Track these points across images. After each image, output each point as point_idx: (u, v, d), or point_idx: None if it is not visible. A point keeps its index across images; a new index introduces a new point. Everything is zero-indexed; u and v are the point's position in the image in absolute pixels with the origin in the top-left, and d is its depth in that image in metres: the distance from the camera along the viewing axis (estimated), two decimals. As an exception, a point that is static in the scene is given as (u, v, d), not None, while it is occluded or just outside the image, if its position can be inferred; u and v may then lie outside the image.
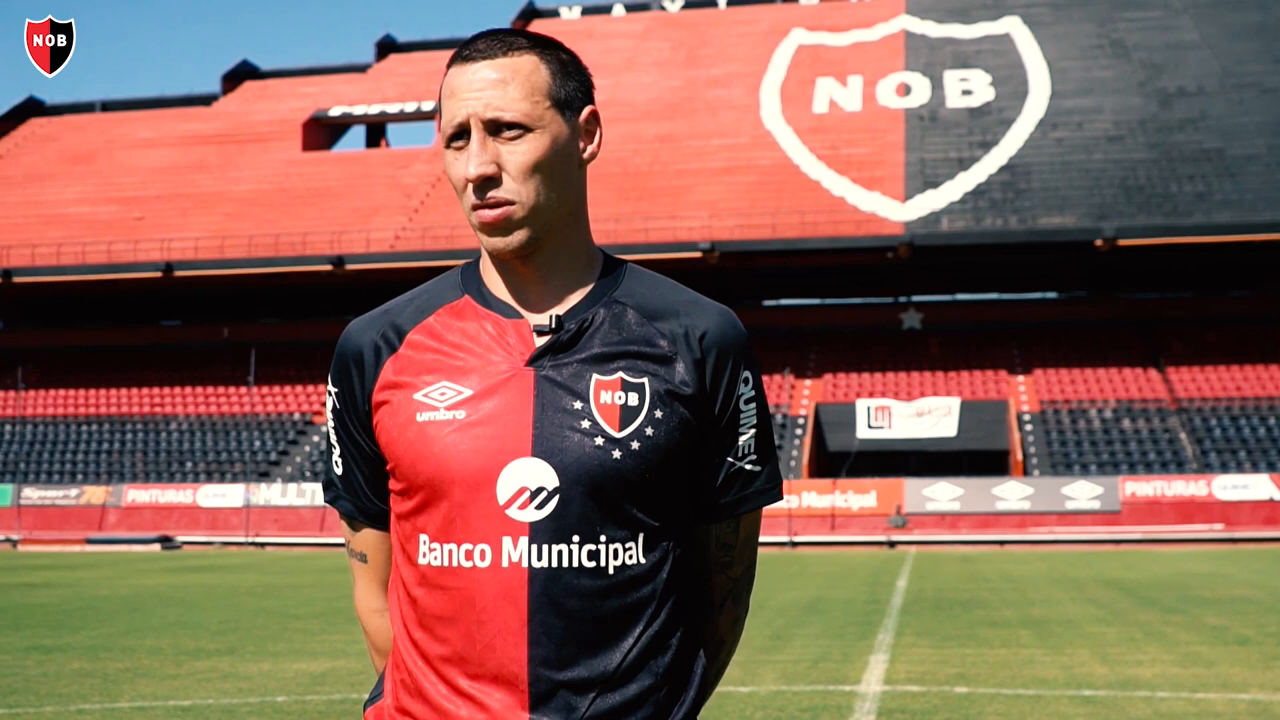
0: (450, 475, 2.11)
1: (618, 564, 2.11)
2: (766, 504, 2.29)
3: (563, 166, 2.18)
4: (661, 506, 2.15)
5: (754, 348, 2.29)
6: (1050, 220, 55.01)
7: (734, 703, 10.77)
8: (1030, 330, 57.91)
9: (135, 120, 74.03)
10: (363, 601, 2.36)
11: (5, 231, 62.91)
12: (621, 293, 2.24)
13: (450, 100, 2.15)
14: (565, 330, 2.17)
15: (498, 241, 2.15)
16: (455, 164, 2.16)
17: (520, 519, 2.08)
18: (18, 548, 45.95)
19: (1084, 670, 12.77)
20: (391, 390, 2.19)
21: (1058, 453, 50.20)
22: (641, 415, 2.12)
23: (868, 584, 25.41)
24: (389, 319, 2.26)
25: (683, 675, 2.18)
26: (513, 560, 2.08)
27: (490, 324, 2.19)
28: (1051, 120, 61.59)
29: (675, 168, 62.07)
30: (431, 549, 2.13)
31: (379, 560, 2.32)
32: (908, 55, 68.39)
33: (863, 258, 56.33)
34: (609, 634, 2.10)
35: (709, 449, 2.22)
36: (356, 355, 2.24)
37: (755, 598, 21.41)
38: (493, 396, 2.13)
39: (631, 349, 2.17)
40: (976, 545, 42.55)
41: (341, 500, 2.32)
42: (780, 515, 46.64)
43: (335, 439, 2.30)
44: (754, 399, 2.27)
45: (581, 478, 2.09)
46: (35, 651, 14.33)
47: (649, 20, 76.96)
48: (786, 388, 55.28)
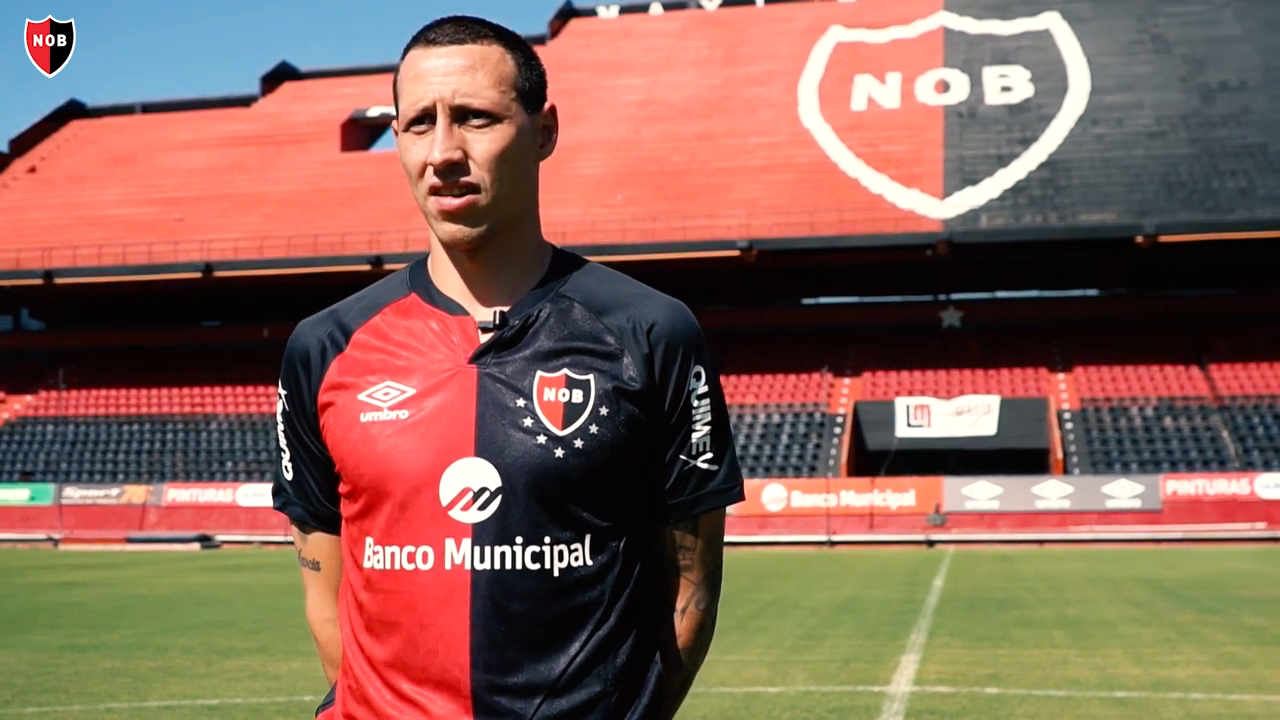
0: (393, 476, 2.06)
1: (563, 566, 2.05)
2: (725, 504, 2.22)
3: (524, 160, 2.14)
4: (610, 506, 2.10)
5: (708, 342, 2.24)
6: (1090, 217, 54.64)
7: (762, 703, 10.72)
8: (1071, 327, 57.53)
9: (175, 122, 74.39)
10: (315, 611, 2.30)
11: (47, 233, 63.32)
12: (568, 288, 2.18)
13: (415, 83, 2.10)
14: (509, 326, 2.12)
15: (456, 230, 2.10)
16: (414, 148, 2.11)
17: (463, 520, 2.03)
18: (59, 547, 46.26)
19: (1117, 671, 12.66)
20: (337, 391, 2.15)
21: (1098, 451, 49.86)
22: (586, 413, 2.07)
23: (904, 583, 25.29)
24: (335, 319, 2.22)
25: (635, 681, 2.12)
26: (455, 562, 2.03)
27: (435, 321, 2.15)
28: (1091, 116, 61.18)
29: (713, 166, 61.95)
30: (375, 552, 2.09)
31: (331, 567, 2.26)
32: (946, 52, 68.07)
33: (902, 255, 56.10)
34: (555, 638, 2.05)
35: (661, 447, 2.16)
36: (304, 356, 2.20)
37: (790, 598, 21.51)
38: (435, 395, 2.08)
39: (577, 345, 2.12)
40: (1016, 544, 42.29)
41: (292, 505, 2.27)
42: (819, 514, 46.55)
43: (285, 442, 2.25)
44: (707, 394, 2.20)
45: (524, 478, 2.04)
46: (69, 650, 14.39)
47: (687, 19, 76.83)
48: (825, 386, 55.10)
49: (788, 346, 58.26)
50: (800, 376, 56.27)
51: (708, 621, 2.26)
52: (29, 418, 60.46)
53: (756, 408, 54.63)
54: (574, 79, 71.73)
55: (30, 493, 53.52)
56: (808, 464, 51.07)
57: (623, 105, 68.52)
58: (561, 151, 64.88)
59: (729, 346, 58.97)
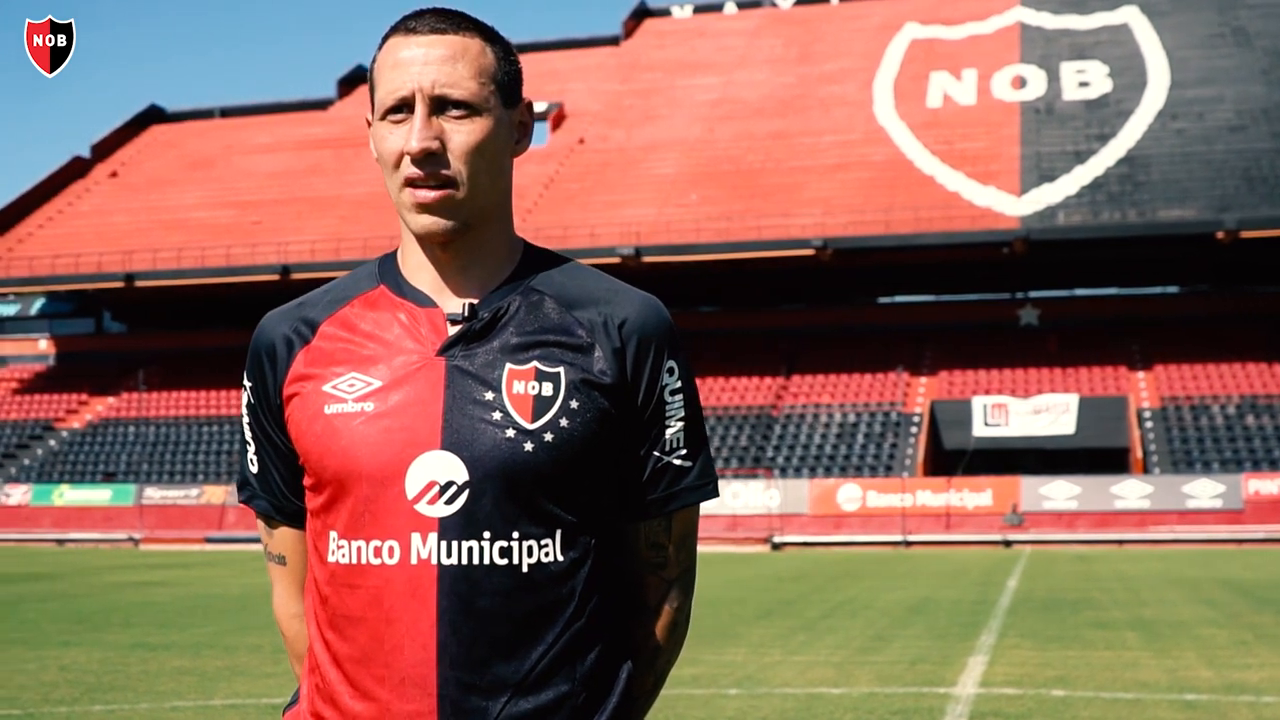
0: (357, 469, 2.03)
1: (532, 561, 2.02)
2: (699, 501, 2.18)
3: (501, 154, 2.12)
4: (582, 501, 2.06)
5: (682, 337, 2.19)
6: (1170, 213, 53.95)
7: (824, 704, 10.63)
8: (1151, 325, 56.86)
9: (253, 126, 75.13)
10: (281, 607, 2.28)
11: (128, 236, 64.13)
12: (540, 281, 2.15)
13: (393, 71, 2.08)
14: (479, 319, 2.09)
15: (431, 223, 2.06)
16: (390, 137, 2.07)
17: (429, 514, 2.00)
18: (139, 547, 46.78)
19: (1188, 673, 12.46)
20: (301, 382, 2.12)
21: (1179, 450, 49.24)
22: (556, 406, 2.04)
23: (978, 584, 25.07)
24: (302, 311, 2.19)
25: (605, 681, 2.08)
26: (421, 557, 1.99)
27: (404, 313, 2.12)
28: (1171, 111, 60.41)
29: (788, 165, 61.75)
30: (340, 546, 2.06)
31: (297, 562, 2.24)
32: (1023, 47, 67.47)
33: (978, 253, 55.71)
34: (523, 635, 2.01)
35: (634, 442, 2.12)
36: (269, 348, 2.17)
37: (861, 598, 21.38)
38: (402, 387, 2.05)
39: (548, 338, 2.09)
40: (1094, 544, 41.83)
41: (258, 499, 2.24)
42: (894, 514, 46.28)
43: (250, 435, 2.23)
44: (681, 390, 2.16)
45: (492, 471, 2.00)
46: (140, 649, 14.53)
47: (761, 17, 76.63)
48: (901, 385, 54.76)
49: (863, 346, 57.99)
50: (876, 376, 55.97)
51: (680, 620, 2.22)
52: (111, 419, 61.27)
53: (832, 407, 54.40)
54: (648, 79, 71.79)
55: (112, 493, 54.25)
56: (883, 464, 50.79)
57: (697, 105, 68.45)
58: (635, 151, 65.03)
59: (803, 346, 58.81)
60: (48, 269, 62.43)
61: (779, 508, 47.55)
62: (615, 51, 75.96)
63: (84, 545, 47.62)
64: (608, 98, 70.88)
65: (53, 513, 54.08)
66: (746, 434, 53.55)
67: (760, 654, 14.03)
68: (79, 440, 60.09)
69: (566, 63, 74.93)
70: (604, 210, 59.68)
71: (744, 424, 54.13)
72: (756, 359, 58.23)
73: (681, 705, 10.56)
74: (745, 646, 14.72)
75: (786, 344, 59.17)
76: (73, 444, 59.90)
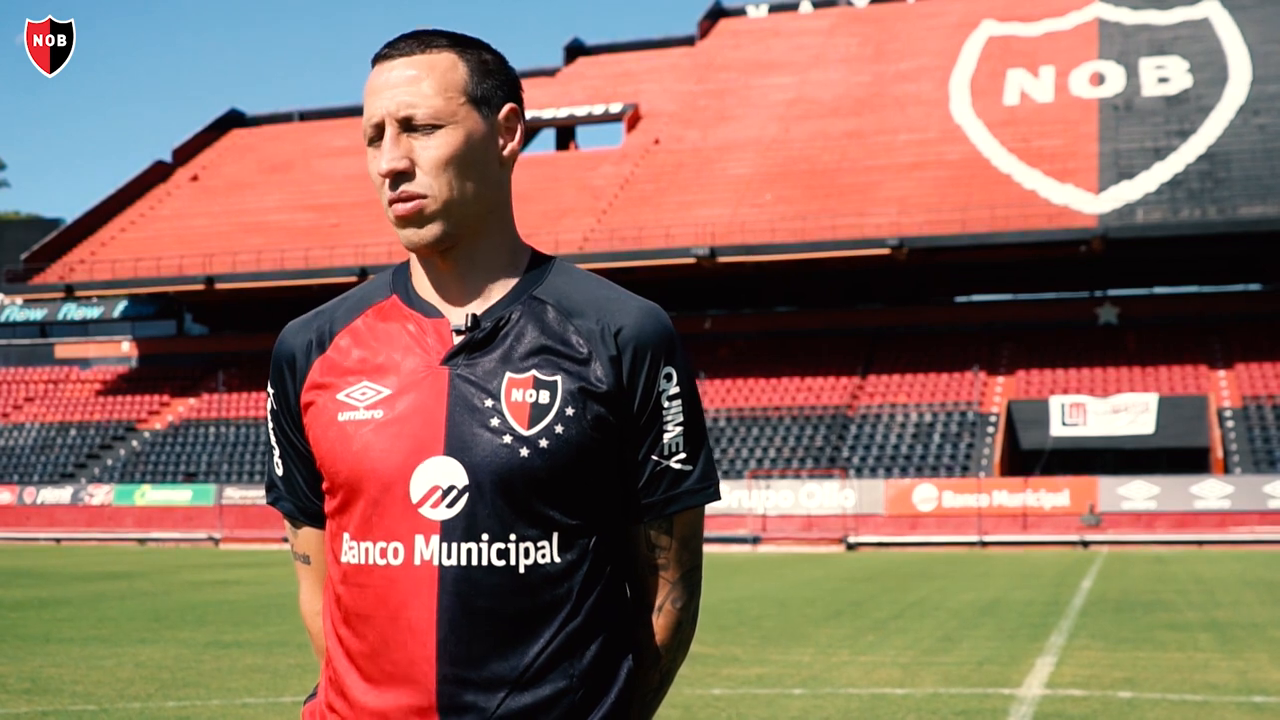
0: (366, 474, 2.14)
1: (529, 563, 2.11)
2: (700, 504, 2.25)
3: (479, 162, 2.19)
4: (579, 505, 2.14)
5: (682, 344, 2.26)
6: (1252, 210, 53.27)
7: (888, 705, 10.63)
8: (1231, 323, 56.19)
9: (331, 129, 75.73)
10: (307, 604, 2.39)
11: (209, 239, 64.90)
12: (543, 290, 2.23)
13: (370, 99, 2.19)
14: (481, 329, 2.18)
15: (411, 234, 2.17)
16: (373, 162, 2.19)
17: (432, 517, 2.10)
18: (219, 546, 47.32)
19: (1259, 675, 12.35)
20: (317, 391, 2.23)
21: (1260, 449, 48.62)
22: (552, 413, 2.12)
23: (1052, 584, 24.89)
24: (319, 321, 2.30)
25: (603, 679, 2.16)
26: (424, 558, 2.09)
27: (413, 324, 2.22)
28: (1253, 106, 59.62)
29: (863, 164, 61.54)
30: (351, 547, 2.17)
31: (320, 561, 2.34)
32: (1101, 43, 66.81)
33: (1056, 251, 55.27)
34: (520, 633, 2.10)
35: (633, 447, 2.20)
36: (289, 357, 2.28)
37: (932, 599, 21.29)
38: (408, 395, 2.15)
39: (547, 346, 2.17)
40: (1172, 545, 41.39)
41: (283, 501, 2.35)
42: (970, 515, 46.04)
43: (274, 440, 2.34)
44: (679, 396, 2.22)
45: (490, 476, 2.10)
46: (214, 647, 14.74)
47: (836, 16, 76.35)
48: (978, 385, 54.42)
49: (939, 345, 57.72)
50: (952, 375, 55.66)
51: (685, 620, 2.29)
52: (191, 420, 62.01)
53: (908, 407, 54.16)
54: (723, 79, 71.72)
55: (192, 493, 54.93)
56: (960, 464, 50.51)
57: (772, 104, 68.32)
58: (710, 151, 65.00)
59: (879, 346, 58.60)
60: (130, 272, 63.34)
61: (854, 508, 47.42)
62: (690, 52, 75.95)
63: (165, 545, 48.26)
64: (683, 98, 70.89)
65: (134, 513, 54.85)
66: (822, 434, 53.43)
67: (827, 654, 14.03)
68: (160, 441, 60.87)
69: (641, 64, 75.05)
70: (679, 211, 59.72)
71: (819, 424, 54.00)
72: (832, 359, 58.09)
73: (745, 705, 10.60)
74: (813, 647, 14.72)
75: (862, 344, 58.98)
76: (154, 445, 60.69)
